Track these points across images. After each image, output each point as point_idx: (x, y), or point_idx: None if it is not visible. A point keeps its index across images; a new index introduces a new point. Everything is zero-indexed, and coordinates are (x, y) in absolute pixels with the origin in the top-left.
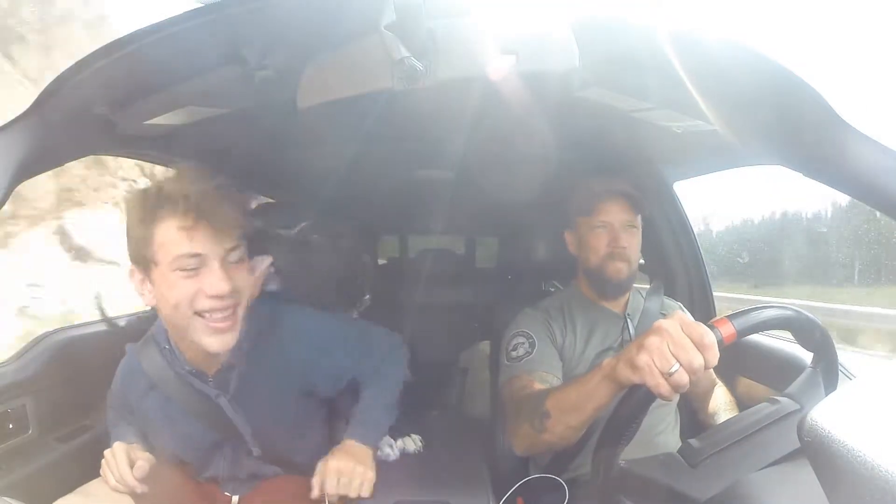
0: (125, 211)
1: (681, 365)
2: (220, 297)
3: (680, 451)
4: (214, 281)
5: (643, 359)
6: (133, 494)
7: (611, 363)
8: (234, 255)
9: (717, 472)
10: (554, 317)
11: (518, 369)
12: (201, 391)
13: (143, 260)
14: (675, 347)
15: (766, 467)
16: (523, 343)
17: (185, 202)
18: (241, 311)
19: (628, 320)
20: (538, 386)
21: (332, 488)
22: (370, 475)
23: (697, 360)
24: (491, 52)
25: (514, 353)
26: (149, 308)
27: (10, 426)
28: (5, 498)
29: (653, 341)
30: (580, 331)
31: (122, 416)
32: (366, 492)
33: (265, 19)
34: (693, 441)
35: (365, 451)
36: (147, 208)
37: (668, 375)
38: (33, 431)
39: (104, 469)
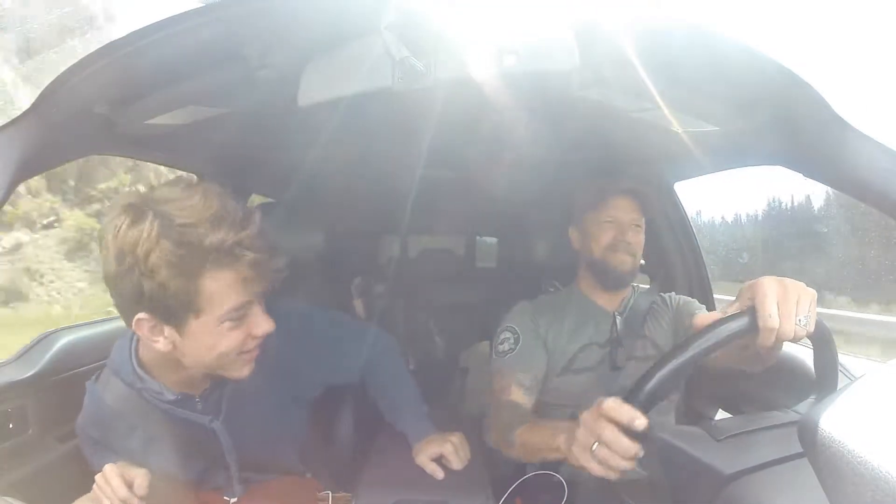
0: (139, 248)
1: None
2: (266, 335)
3: (702, 426)
4: (262, 323)
5: (573, 449)
6: None
7: (568, 438)
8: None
9: (743, 449)
10: (542, 310)
11: (501, 364)
12: (187, 418)
13: (171, 310)
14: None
15: (775, 464)
16: (508, 338)
17: (251, 263)
18: None
19: (617, 318)
20: (514, 391)
21: (458, 463)
22: (460, 436)
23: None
24: (491, 52)
25: (500, 348)
26: None
27: (10, 426)
28: (5, 498)
29: (579, 433)
30: (567, 325)
31: (99, 451)
32: (468, 451)
33: (265, 19)
34: (716, 421)
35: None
36: (191, 261)
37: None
38: (33, 431)
39: (98, 496)
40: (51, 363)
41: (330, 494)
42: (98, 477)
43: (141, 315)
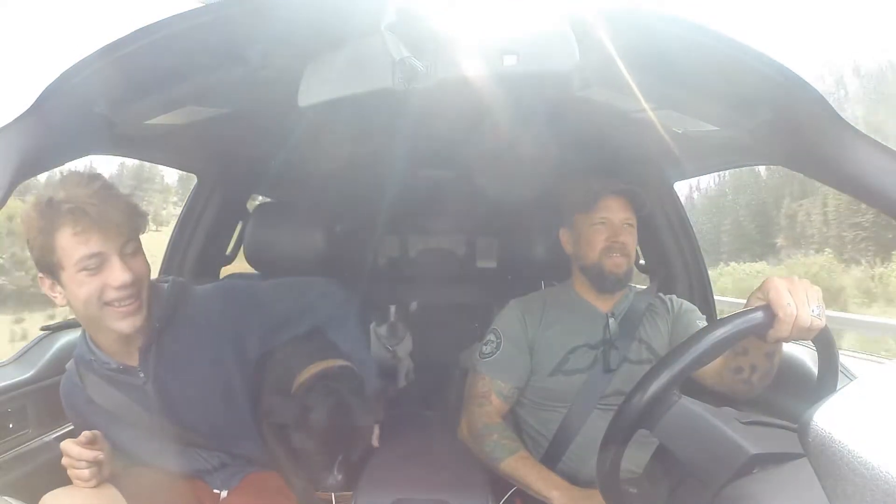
0: (23, 224)
1: None
2: (124, 286)
3: (724, 411)
4: (116, 274)
5: None
6: (123, 491)
7: (562, 495)
8: (130, 247)
9: (768, 436)
10: (531, 310)
11: (481, 367)
12: (134, 385)
13: (49, 266)
14: None
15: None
16: (492, 341)
17: (73, 209)
18: (144, 294)
19: (610, 319)
20: (495, 400)
21: None
22: None
23: None
24: (491, 53)
25: (484, 349)
26: None
27: (10, 426)
28: (5, 498)
29: None
30: (558, 326)
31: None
32: None
33: (265, 19)
34: (739, 412)
35: None
36: (43, 219)
37: None
38: (33, 431)
39: (71, 472)
40: (51, 363)
41: (333, 495)
42: (63, 459)
43: (40, 274)
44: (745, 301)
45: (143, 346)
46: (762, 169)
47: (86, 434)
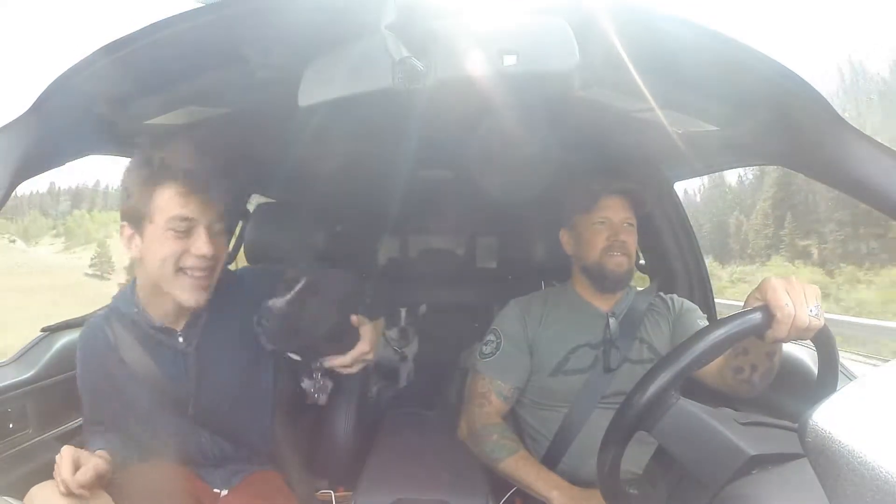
0: (125, 173)
1: None
2: (204, 257)
3: (723, 412)
4: (201, 244)
5: None
6: (123, 490)
7: (560, 495)
8: (218, 226)
9: (766, 437)
10: (531, 310)
11: (481, 367)
12: (170, 348)
13: (138, 216)
14: None
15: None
16: (492, 341)
17: (185, 174)
18: (216, 274)
19: (611, 319)
20: (494, 400)
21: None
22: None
23: None
24: (491, 52)
25: (484, 349)
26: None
27: (10, 426)
28: (5, 498)
29: None
30: (558, 326)
31: (93, 424)
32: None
33: (265, 19)
34: (737, 412)
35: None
36: (150, 173)
37: None
38: (33, 431)
39: (55, 474)
40: (51, 363)
41: (334, 495)
42: (56, 456)
43: (123, 223)
44: None
45: (192, 317)
46: (732, 180)
47: (85, 469)
